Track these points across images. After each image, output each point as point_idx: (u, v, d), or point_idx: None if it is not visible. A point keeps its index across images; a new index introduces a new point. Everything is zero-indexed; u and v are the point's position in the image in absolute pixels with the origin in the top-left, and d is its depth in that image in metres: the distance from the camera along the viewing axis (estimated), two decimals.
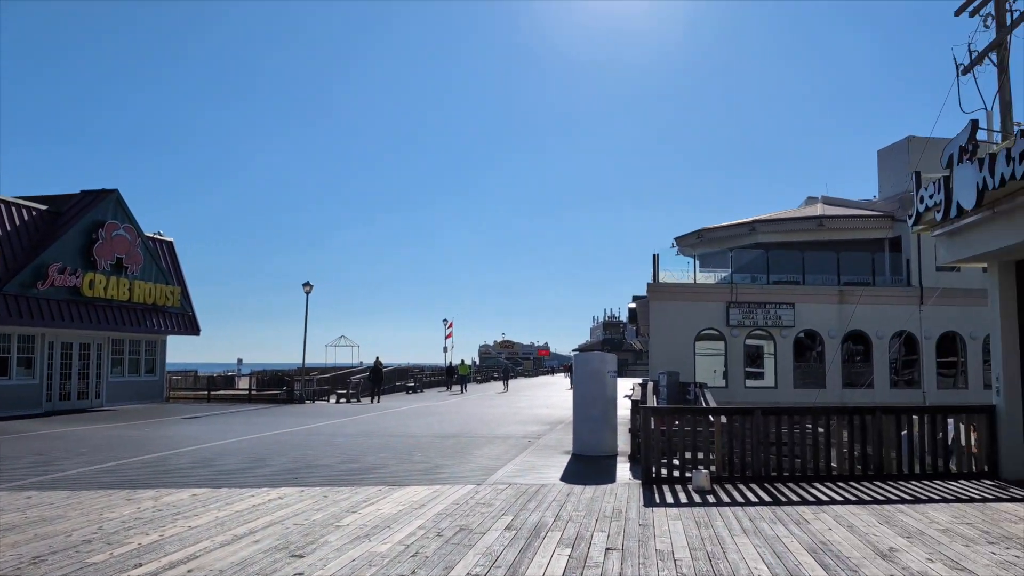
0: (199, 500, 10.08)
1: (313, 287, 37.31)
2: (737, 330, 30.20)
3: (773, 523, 8.65)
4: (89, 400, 30.17)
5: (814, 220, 33.61)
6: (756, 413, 11.85)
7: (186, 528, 8.30)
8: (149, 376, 34.10)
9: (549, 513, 9.21)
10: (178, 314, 34.44)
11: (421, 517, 8.95)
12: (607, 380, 15.11)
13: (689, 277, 32.30)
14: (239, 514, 9.11)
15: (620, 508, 9.58)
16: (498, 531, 8.21)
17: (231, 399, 37.05)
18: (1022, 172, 9.97)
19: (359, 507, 9.58)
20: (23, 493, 10.67)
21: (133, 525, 8.45)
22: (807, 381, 30.68)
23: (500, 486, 11.31)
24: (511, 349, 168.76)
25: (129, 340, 32.53)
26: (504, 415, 26.38)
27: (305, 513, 9.18)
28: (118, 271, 30.24)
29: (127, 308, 30.93)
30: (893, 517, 9.01)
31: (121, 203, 30.78)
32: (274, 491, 10.82)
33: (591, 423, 15.00)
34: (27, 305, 26.06)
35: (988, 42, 15.70)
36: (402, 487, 11.20)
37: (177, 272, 35.60)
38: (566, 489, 11.04)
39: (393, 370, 48.14)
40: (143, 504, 9.77)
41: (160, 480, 11.92)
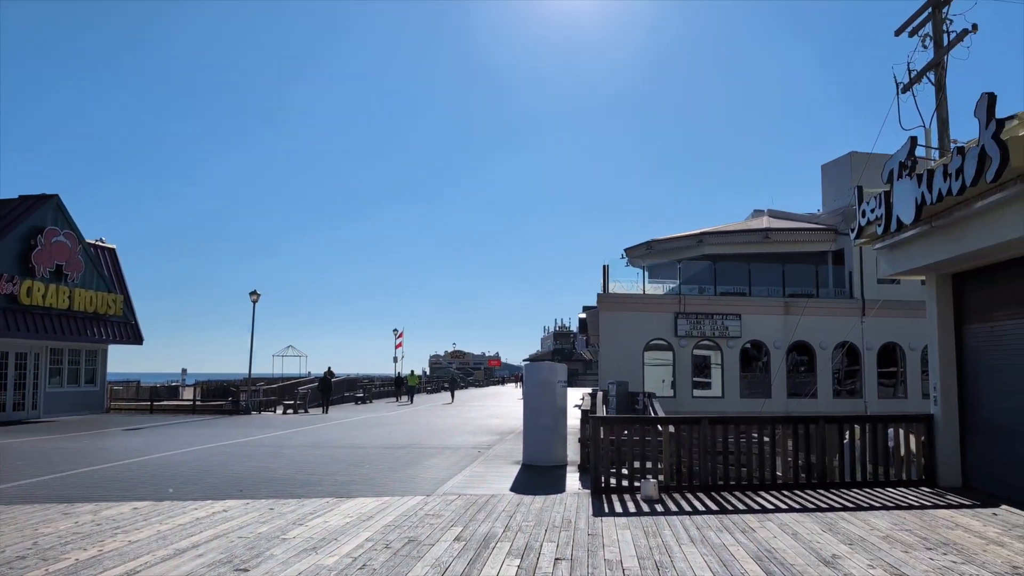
0: (140, 514, 9.84)
1: (260, 296, 36.79)
2: (685, 340, 30.55)
3: (720, 532, 8.74)
4: (25, 411, 29.29)
5: (760, 233, 34.20)
6: (703, 422, 11.98)
7: (126, 543, 8.09)
8: (89, 386, 33.23)
9: (499, 524, 9.19)
10: (120, 323, 33.66)
11: (369, 529, 8.85)
12: (557, 390, 15.13)
13: (638, 288, 32.63)
14: (182, 527, 8.91)
15: (569, 518, 9.59)
16: (447, 542, 8.16)
17: (175, 410, 36.28)
18: (958, 188, 10.27)
19: (306, 519, 9.44)
20: None
21: (70, 540, 8.21)
22: (753, 391, 31.16)
23: (450, 497, 11.25)
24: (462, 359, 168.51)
25: (69, 349, 31.67)
26: (454, 426, 26.27)
27: (250, 526, 9.02)
28: (58, 278, 29.47)
29: (67, 316, 30.15)
30: (836, 524, 9.18)
31: (62, 209, 30.03)
32: (218, 504, 10.61)
33: (541, 433, 15.01)
34: None
35: (926, 62, 16.20)
36: (350, 499, 11.07)
37: (120, 280, 34.82)
38: (516, 499, 11.02)
39: (342, 380, 47.61)
40: (81, 518, 9.50)
41: (99, 494, 11.61)
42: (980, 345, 12.17)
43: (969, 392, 12.37)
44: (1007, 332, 11.44)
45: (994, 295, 11.80)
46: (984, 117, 9.64)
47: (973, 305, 12.40)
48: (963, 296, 12.67)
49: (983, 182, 9.79)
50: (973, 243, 10.96)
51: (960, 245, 11.30)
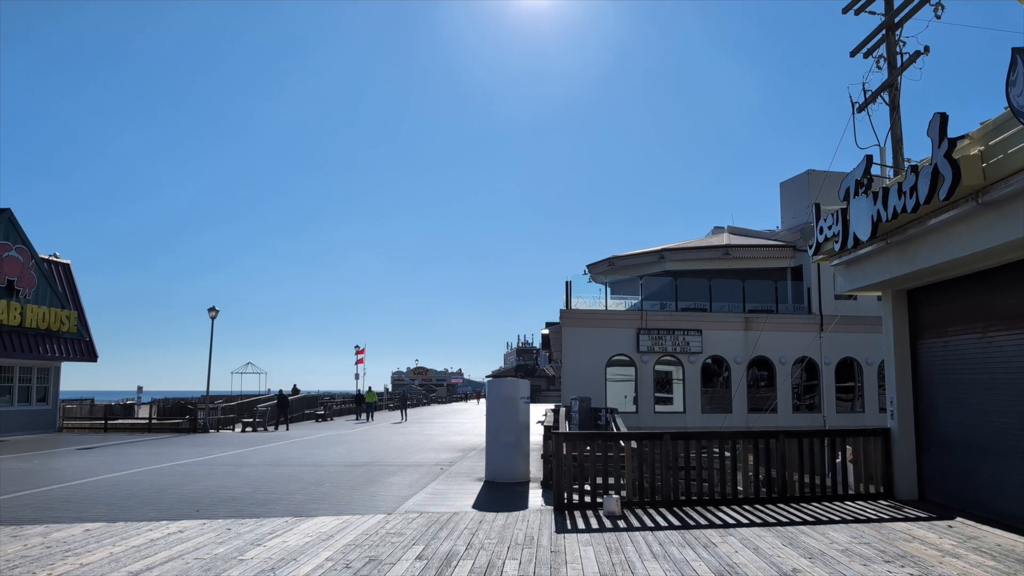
0: (92, 535, 9.59)
1: (219, 312, 36.28)
2: (647, 356, 30.70)
3: (682, 547, 8.75)
4: None
5: (720, 249, 34.56)
6: (665, 438, 12.01)
7: (77, 566, 7.87)
8: (41, 405, 32.46)
9: (461, 541, 9.10)
10: (74, 340, 32.97)
11: (329, 549, 8.72)
12: (520, 406, 15.09)
13: (601, 304, 32.75)
14: (136, 549, 8.70)
15: (532, 535, 9.54)
16: (408, 561, 8.06)
17: (130, 429, 35.53)
18: (912, 205, 10.46)
19: (264, 539, 9.28)
20: None
21: (19, 564, 7.97)
22: (714, 406, 31.38)
23: (411, 515, 11.14)
24: (425, 375, 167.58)
25: (20, 367, 30.93)
26: (416, 443, 26.07)
27: (207, 547, 8.83)
28: (9, 294, 28.81)
29: (18, 333, 29.45)
30: (796, 539, 9.23)
31: (14, 223, 29.40)
32: (174, 524, 10.38)
33: (504, 449, 14.94)
34: None
35: (881, 82, 16.54)
36: (310, 518, 10.91)
37: (74, 296, 34.13)
38: (478, 517, 10.94)
39: (303, 398, 47.07)
40: (30, 541, 9.23)
41: (49, 515, 11.30)
42: (935, 360, 12.38)
43: (925, 406, 12.56)
44: (960, 347, 11.65)
45: (947, 310, 12.02)
46: (936, 136, 9.84)
47: (927, 320, 12.62)
48: (918, 311, 12.89)
49: (936, 200, 9.99)
50: (927, 259, 11.17)
51: (914, 262, 11.51)
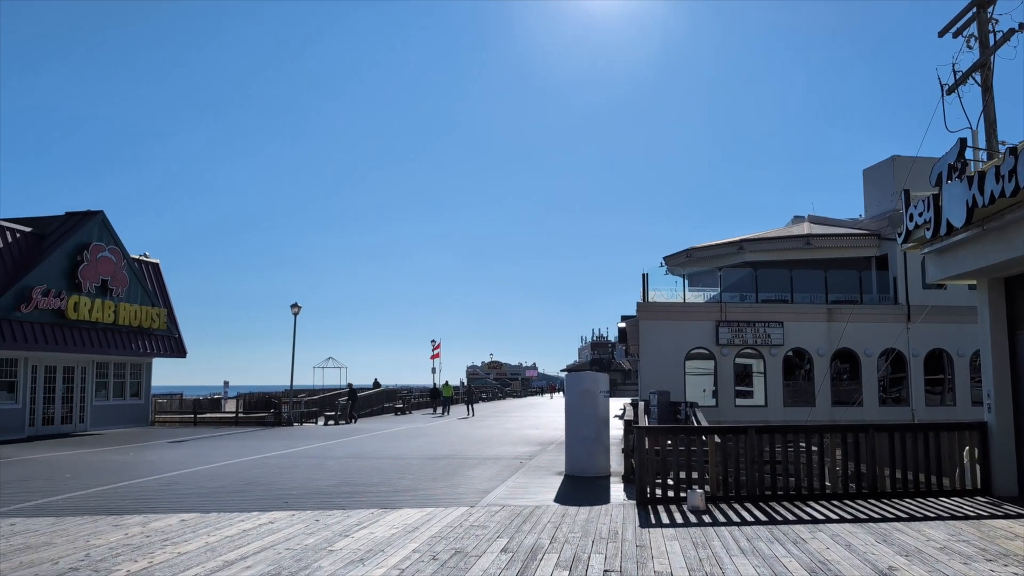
0: (188, 525, 9.91)
1: (301, 308, 37.12)
2: (727, 349, 30.20)
3: (771, 542, 8.58)
4: (73, 424, 29.80)
5: (802, 239, 33.75)
6: (750, 432, 11.80)
7: (175, 555, 8.14)
8: (134, 400, 33.74)
9: (545, 535, 9.10)
10: (164, 336, 34.15)
11: (415, 540, 8.83)
12: (599, 400, 15.02)
13: (678, 296, 32.34)
14: (229, 539, 8.96)
15: (616, 529, 9.48)
16: (494, 554, 8.10)
17: (218, 422, 36.68)
18: (1011, 189, 10.02)
19: (351, 531, 9.44)
20: (7, 520, 10.47)
21: (121, 552, 8.29)
22: (796, 400, 30.69)
23: (494, 508, 11.20)
24: (499, 370, 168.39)
25: (114, 363, 32.20)
26: (494, 437, 26.23)
27: (297, 538, 9.04)
28: (103, 293, 29.99)
29: (112, 331, 30.65)
30: (890, 535, 8.96)
31: (106, 225, 30.58)
32: (264, 515, 10.66)
33: (584, 444, 14.90)
34: (10, 328, 25.77)
35: (972, 63, 15.88)
36: (394, 510, 11.06)
37: (163, 294, 35.34)
38: (560, 510, 10.93)
39: (382, 391, 47.90)
40: (131, 530, 9.59)
41: (147, 506, 11.73)
42: None
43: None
44: None
45: None
46: None
47: None
48: (1016, 300, 12.35)
49: None
50: None
51: (1012, 248, 11.02)
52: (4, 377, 26.68)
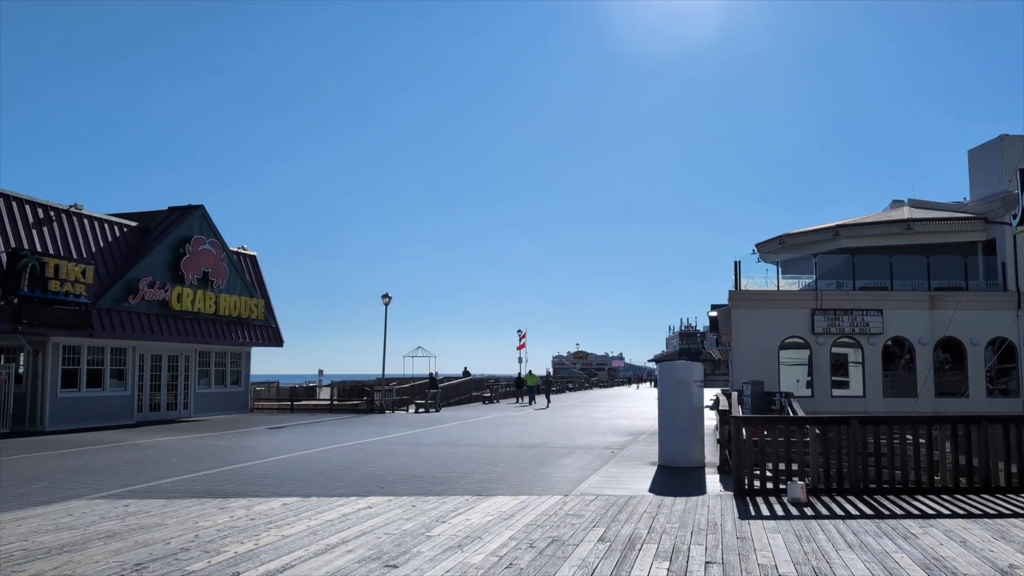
0: (290, 509, 10.17)
1: (391, 299, 37.74)
2: (823, 337, 29.37)
3: (879, 537, 8.27)
4: (177, 411, 31.05)
5: (902, 224, 32.52)
6: (853, 422, 11.41)
7: (279, 537, 8.36)
8: (234, 387, 34.93)
9: (642, 525, 9.00)
10: (262, 326, 35.22)
11: (511, 528, 8.84)
12: (694, 390, 14.78)
13: (772, 284, 31.61)
14: (330, 523, 9.15)
15: (715, 520, 9.30)
16: (591, 543, 8.04)
17: (313, 409, 37.68)
18: None
19: (448, 517, 9.53)
20: (121, 501, 10.95)
21: (228, 534, 8.56)
22: (896, 390, 29.64)
23: (588, 497, 11.13)
24: (585, 360, 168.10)
25: (215, 352, 33.39)
26: (583, 426, 26.16)
27: (395, 523, 9.16)
28: (204, 285, 31.09)
29: (213, 321, 31.77)
30: (1008, 532, 8.53)
31: (207, 218, 31.68)
32: (362, 500, 10.86)
33: (678, 433, 14.69)
34: (119, 319, 26.98)
35: None
36: (489, 497, 11.12)
37: (260, 285, 36.43)
38: (656, 500, 10.79)
39: (471, 380, 48.42)
40: (236, 513, 9.90)
41: (250, 489, 12.10)
42: None
43: None
44: None
45: None
46: None
47: None
48: None
49: None
50: None
51: None
52: (115, 365, 27.95)
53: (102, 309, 26.26)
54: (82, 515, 9.86)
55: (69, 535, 8.55)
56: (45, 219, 25.34)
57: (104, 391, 27.48)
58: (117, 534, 8.57)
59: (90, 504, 10.76)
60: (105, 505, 10.63)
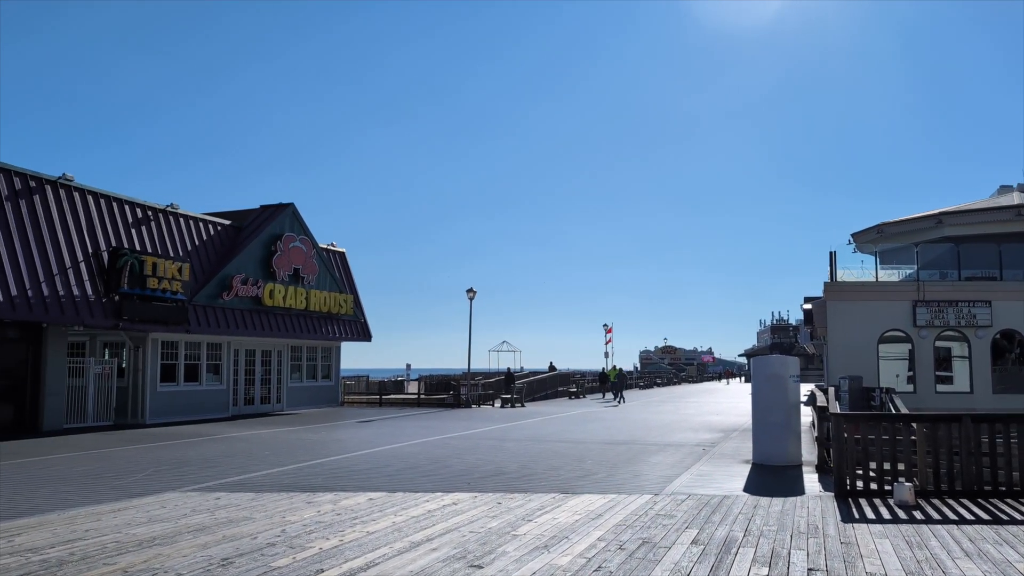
0: (375, 505, 10.11)
1: (476, 293, 37.77)
2: (925, 331, 27.96)
3: (999, 545, 7.65)
4: (270, 404, 31.74)
5: (1012, 210, 30.73)
6: (965, 420, 10.69)
7: (364, 533, 8.26)
8: (325, 381, 35.54)
9: (738, 527, 8.57)
10: (351, 321, 35.73)
11: (600, 528, 8.54)
12: (790, 385, 14.16)
13: (870, 275, 30.26)
14: (415, 520, 9.02)
15: (815, 523, 8.80)
16: (684, 545, 7.67)
17: (401, 403, 38.05)
18: None
19: (534, 515, 9.29)
20: (213, 494, 11.09)
21: (314, 529, 8.51)
22: (1007, 386, 27.97)
23: (679, 496, 10.74)
24: (673, 354, 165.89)
25: (306, 347, 34.02)
26: (673, 422, 25.59)
27: (480, 520, 8.98)
28: (295, 281, 31.69)
29: (304, 316, 32.36)
30: None
31: (297, 216, 32.27)
32: (448, 496, 10.72)
33: (773, 431, 14.09)
34: (214, 314, 27.71)
35: None
36: (576, 495, 10.84)
37: (349, 281, 36.96)
38: (752, 501, 10.32)
39: (556, 375, 48.15)
40: (322, 508, 9.89)
41: (337, 483, 12.12)
42: None
43: None
44: None
45: None
46: None
47: None
48: None
49: None
50: None
51: None
52: (211, 360, 28.74)
53: (197, 305, 27.01)
54: (174, 507, 10.01)
55: (161, 528, 8.65)
56: (143, 219, 26.20)
57: (201, 385, 28.27)
58: (206, 527, 8.63)
59: (183, 496, 10.94)
60: (197, 498, 10.79)
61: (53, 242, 22.34)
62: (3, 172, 21.74)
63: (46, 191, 22.74)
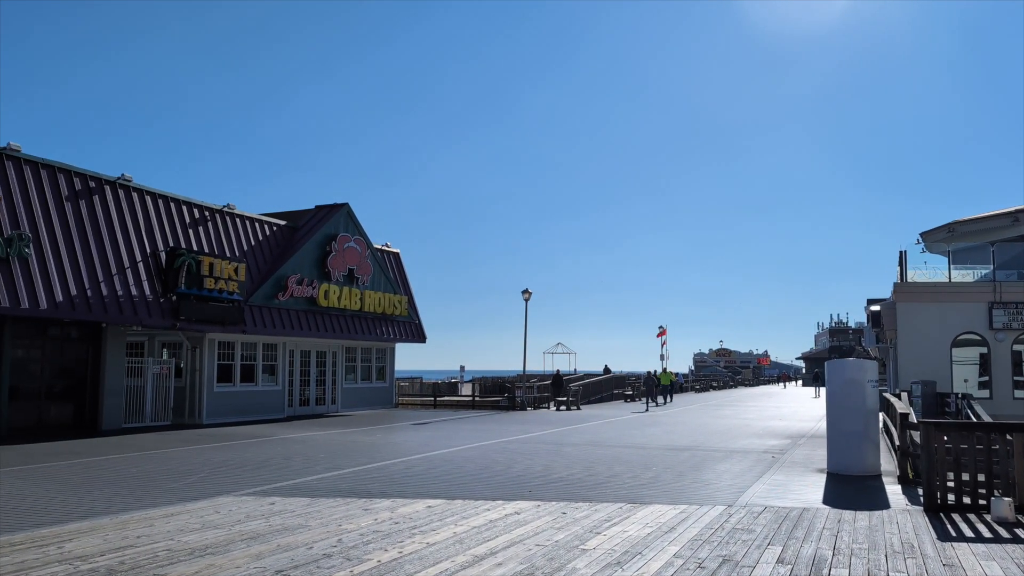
0: (435, 513, 9.67)
1: (532, 294, 37.30)
2: (1002, 333, 26.71)
3: None
4: (325, 405, 31.65)
5: None
6: None
7: (424, 545, 7.82)
8: (379, 383, 35.37)
9: (824, 544, 7.93)
10: (405, 322, 35.52)
11: (675, 543, 7.97)
12: (867, 390, 13.37)
13: (942, 275, 29.03)
14: (477, 531, 8.56)
15: (910, 541, 8.11)
16: (769, 564, 7.07)
17: (455, 405, 37.75)
18: None
19: (602, 527, 8.75)
20: (268, 499, 10.78)
21: (372, 539, 8.10)
22: None
23: (755, 508, 10.10)
24: (728, 357, 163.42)
25: (361, 348, 33.88)
26: (734, 427, 24.78)
27: (545, 532, 8.47)
28: (350, 282, 31.55)
29: (358, 317, 32.22)
30: None
31: (351, 216, 32.14)
32: (509, 505, 10.24)
33: (849, 439, 13.33)
34: (270, 315, 27.67)
35: None
36: (644, 505, 10.27)
37: (404, 282, 36.77)
38: (834, 515, 9.64)
39: (611, 378, 47.48)
40: (380, 515, 9.48)
41: (394, 489, 11.73)
42: None
43: None
44: None
45: None
46: None
47: None
48: None
49: None
50: None
51: None
52: (266, 360, 28.73)
53: (254, 306, 26.99)
54: (228, 513, 9.70)
55: (213, 535, 8.32)
56: (200, 219, 26.26)
57: (257, 386, 28.26)
58: (260, 535, 8.28)
59: (237, 501, 10.64)
60: (252, 503, 10.48)
61: (112, 242, 22.45)
62: (63, 172, 21.90)
63: (105, 191, 22.88)
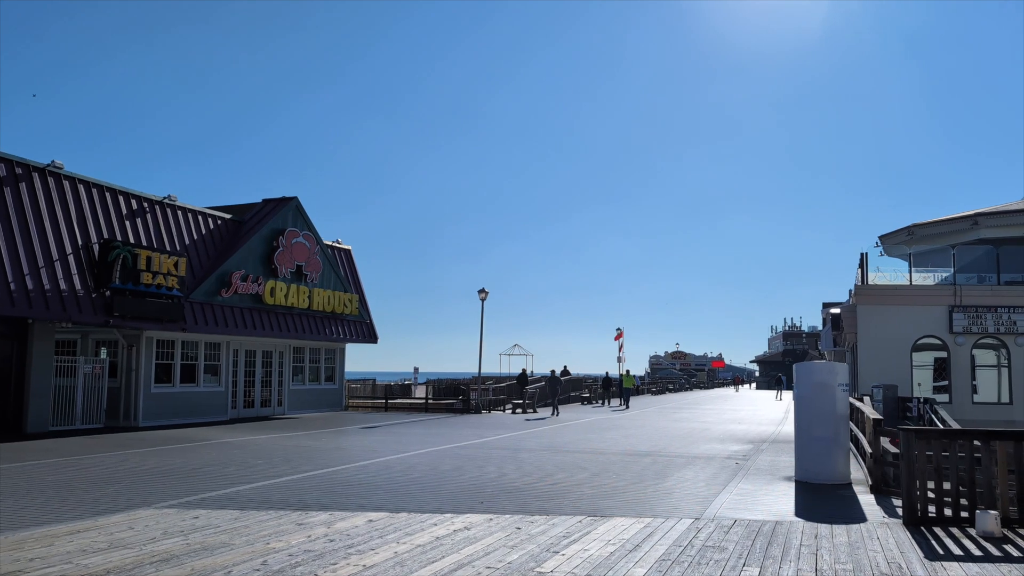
0: (375, 528, 8.74)
1: (488, 293, 36.42)
2: (962, 337, 26.51)
3: None
4: (271, 408, 30.39)
5: None
6: None
7: (360, 568, 6.90)
8: (329, 384, 34.18)
9: (805, 565, 7.17)
10: (356, 322, 34.38)
11: (641, 564, 7.15)
12: (838, 394, 12.73)
13: (902, 278, 28.81)
14: (421, 550, 7.65)
15: (896, 560, 7.39)
16: None
17: (408, 408, 36.69)
18: None
19: (560, 545, 7.90)
20: (191, 512, 9.73)
21: (301, 561, 7.14)
22: None
23: (724, 522, 9.33)
24: (683, 360, 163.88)
25: (309, 348, 32.67)
26: (694, 431, 24.16)
27: (497, 552, 7.60)
28: (298, 279, 30.35)
29: (307, 316, 31.02)
30: None
31: (300, 211, 30.93)
32: (459, 519, 9.35)
33: (819, 445, 12.67)
34: (212, 312, 26.38)
35: None
36: (605, 519, 9.45)
37: (355, 280, 35.63)
38: (810, 529, 8.91)
39: (570, 379, 46.73)
40: (314, 531, 8.52)
41: (334, 500, 10.76)
42: None
43: None
44: None
45: None
46: None
47: None
48: None
49: None
50: None
51: None
52: (208, 360, 27.42)
53: (195, 302, 25.69)
54: (143, 529, 8.65)
55: (120, 556, 7.30)
56: (138, 210, 24.90)
57: (198, 387, 26.95)
58: (174, 557, 7.28)
59: (157, 514, 9.58)
60: (173, 516, 9.43)
61: (40, 233, 21.05)
62: None
63: (33, 179, 21.45)
